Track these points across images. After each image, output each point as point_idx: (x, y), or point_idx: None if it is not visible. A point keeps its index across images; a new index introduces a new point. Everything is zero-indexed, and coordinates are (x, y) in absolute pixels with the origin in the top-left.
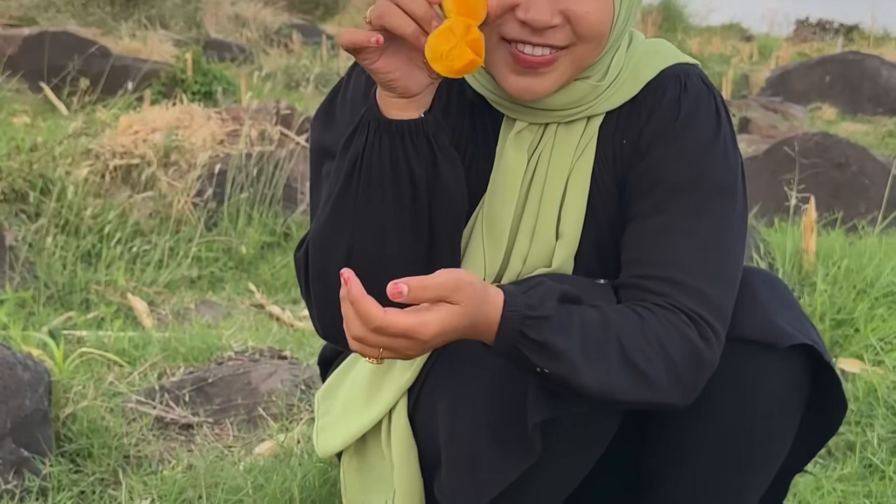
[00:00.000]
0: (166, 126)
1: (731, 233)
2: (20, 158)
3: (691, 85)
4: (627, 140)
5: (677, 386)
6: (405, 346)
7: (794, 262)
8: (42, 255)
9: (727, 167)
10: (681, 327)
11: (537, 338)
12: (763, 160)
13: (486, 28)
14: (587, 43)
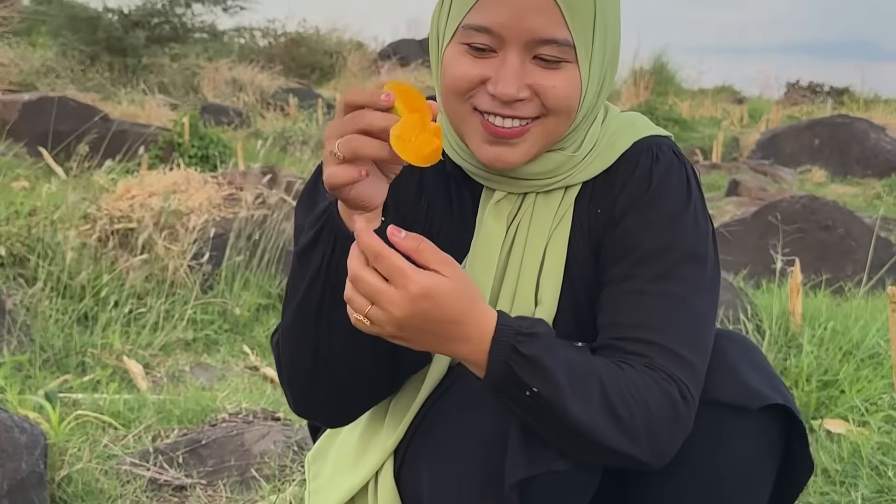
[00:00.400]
0: (164, 190)
1: (703, 298)
2: (19, 223)
3: (663, 156)
4: (602, 209)
5: (652, 441)
6: (392, 298)
7: (780, 324)
8: (39, 319)
9: (698, 235)
10: (661, 383)
11: (529, 353)
12: (751, 223)
13: (460, 101)
14: (556, 116)
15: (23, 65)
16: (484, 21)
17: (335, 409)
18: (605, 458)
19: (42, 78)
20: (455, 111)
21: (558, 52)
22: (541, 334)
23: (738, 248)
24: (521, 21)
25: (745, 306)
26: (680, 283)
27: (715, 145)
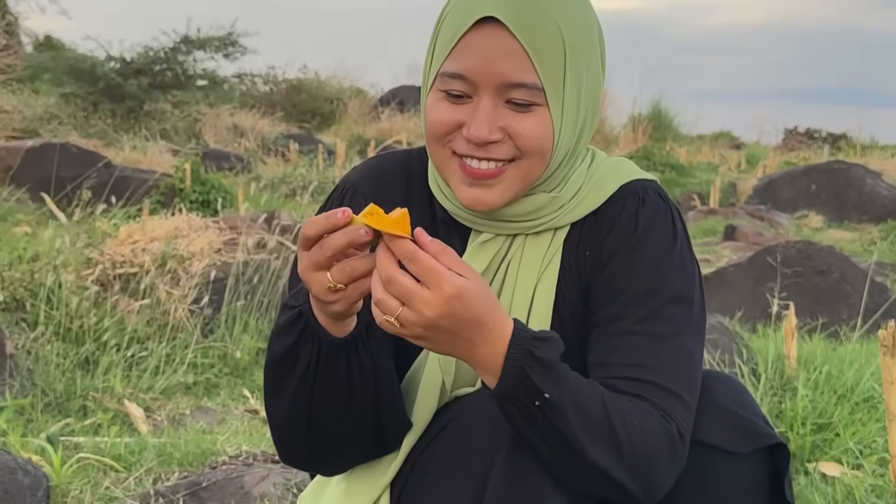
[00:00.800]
0: (165, 235)
1: (690, 338)
2: (21, 268)
3: (649, 199)
4: (590, 252)
5: (648, 474)
6: (426, 299)
7: (776, 368)
8: (41, 363)
9: (684, 277)
10: (658, 419)
11: (544, 357)
12: (747, 267)
13: (440, 145)
14: (529, 157)
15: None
16: (458, 68)
17: (324, 467)
18: (596, 482)
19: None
20: (437, 156)
21: (528, 95)
22: (555, 339)
23: (734, 293)
24: (491, 66)
25: (740, 350)
26: (668, 324)
27: (712, 191)
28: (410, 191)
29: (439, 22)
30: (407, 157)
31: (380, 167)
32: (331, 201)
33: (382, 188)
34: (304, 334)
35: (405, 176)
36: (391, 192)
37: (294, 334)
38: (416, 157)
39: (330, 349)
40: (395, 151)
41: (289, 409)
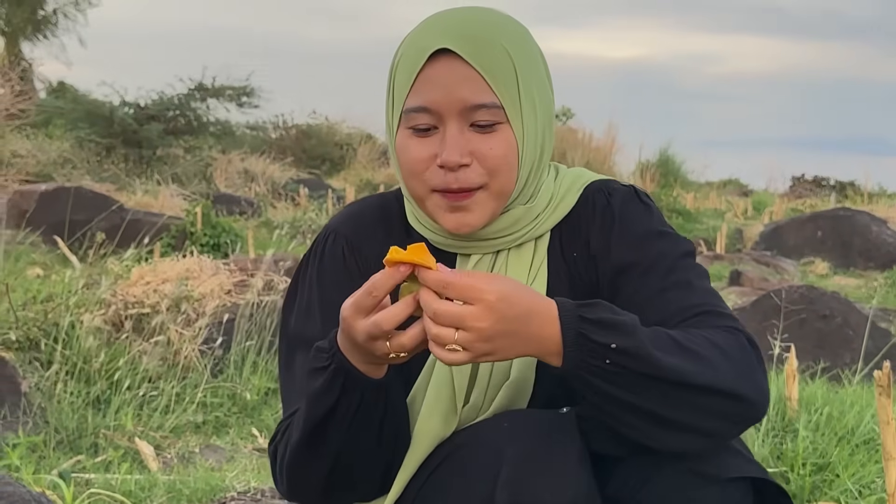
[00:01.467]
0: (177, 277)
1: (706, 281)
2: (35, 308)
3: (614, 191)
4: (577, 252)
5: (750, 376)
6: (475, 314)
7: (777, 410)
8: (53, 402)
9: (672, 236)
10: (724, 333)
11: (595, 317)
12: (750, 311)
13: (419, 182)
14: (498, 176)
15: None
16: (420, 102)
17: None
18: (709, 405)
19: (59, 169)
20: (416, 192)
21: (490, 115)
22: (599, 302)
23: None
24: (452, 94)
25: None
26: (686, 272)
27: (719, 237)
28: (389, 228)
29: (394, 67)
30: (382, 199)
31: (357, 212)
32: (315, 245)
33: (362, 230)
34: (346, 387)
35: (382, 216)
36: (370, 232)
37: (335, 391)
38: (391, 198)
39: (373, 393)
40: (370, 196)
41: (322, 455)
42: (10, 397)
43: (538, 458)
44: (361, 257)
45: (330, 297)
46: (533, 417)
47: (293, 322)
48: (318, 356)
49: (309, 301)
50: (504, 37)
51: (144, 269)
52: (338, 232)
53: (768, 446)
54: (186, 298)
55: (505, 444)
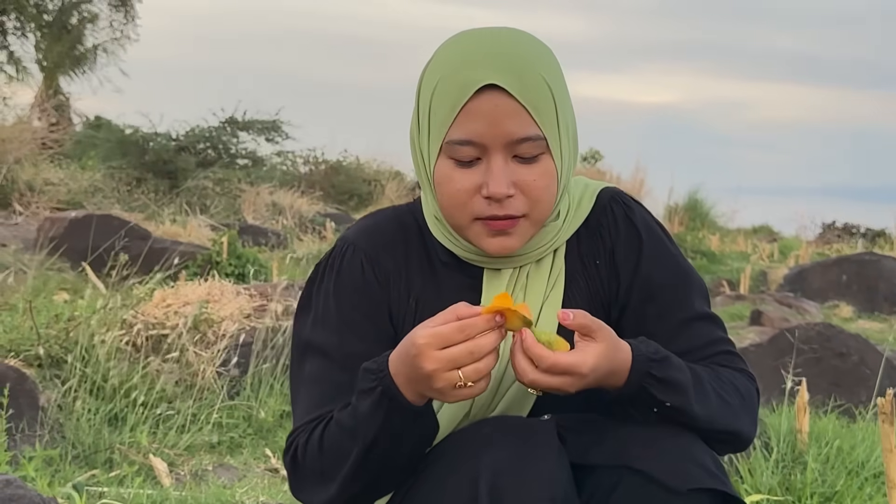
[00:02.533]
0: (197, 300)
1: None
2: (58, 326)
3: (629, 202)
4: (600, 261)
5: (754, 421)
6: (573, 383)
7: (788, 442)
8: (72, 417)
9: (682, 256)
10: (744, 378)
11: (662, 376)
12: (767, 348)
13: (462, 212)
14: (540, 204)
15: (71, 184)
16: (465, 135)
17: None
18: (721, 438)
19: (89, 197)
20: (458, 222)
21: (534, 147)
22: (669, 357)
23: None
24: (497, 128)
25: None
26: (705, 302)
27: (742, 278)
28: (406, 241)
29: (430, 95)
30: (397, 212)
31: (374, 225)
32: (332, 258)
33: (380, 243)
34: (390, 411)
35: (398, 229)
36: (388, 245)
37: (380, 415)
38: (406, 210)
39: (413, 420)
40: (384, 209)
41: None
42: (29, 412)
43: (516, 463)
44: (380, 270)
45: (347, 309)
46: (512, 424)
47: (307, 332)
48: (366, 377)
49: (325, 313)
50: (541, 66)
51: (166, 292)
52: (356, 245)
53: (777, 477)
54: (206, 321)
55: (483, 451)
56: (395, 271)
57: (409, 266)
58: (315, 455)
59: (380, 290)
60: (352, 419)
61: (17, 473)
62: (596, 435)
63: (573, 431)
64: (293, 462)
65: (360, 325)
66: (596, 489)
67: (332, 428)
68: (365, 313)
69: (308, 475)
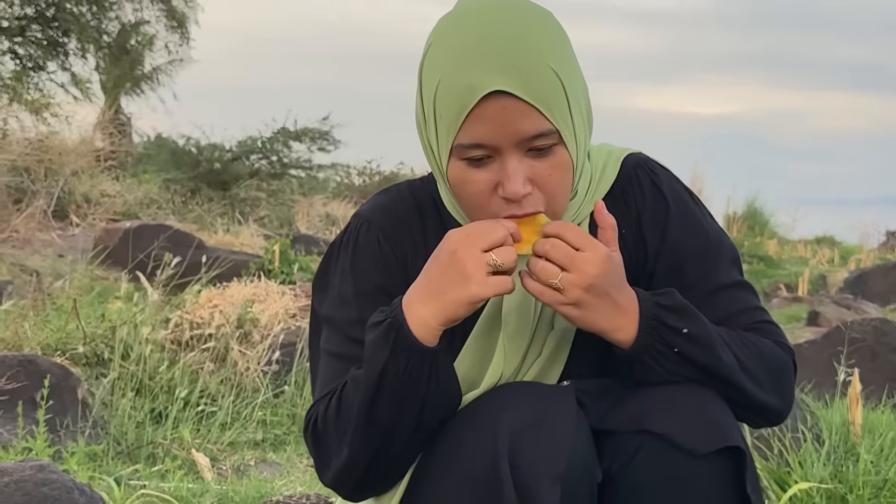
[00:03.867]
0: (243, 300)
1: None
2: (104, 326)
3: (655, 168)
4: (626, 229)
5: (786, 393)
6: (587, 258)
7: (840, 434)
8: (116, 414)
9: (710, 221)
10: (776, 346)
11: (670, 303)
12: (822, 344)
13: (481, 212)
14: (557, 198)
15: (127, 196)
16: (474, 139)
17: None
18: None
19: (145, 209)
20: (479, 218)
21: (547, 140)
22: (673, 291)
23: (807, 368)
24: (507, 128)
25: (804, 416)
26: (735, 269)
27: (801, 281)
28: (423, 218)
29: (434, 94)
30: (412, 187)
31: (389, 202)
32: (347, 235)
33: (396, 219)
34: (397, 345)
35: (414, 205)
36: (404, 222)
37: (387, 347)
38: (420, 185)
39: (421, 357)
40: (399, 184)
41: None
42: (73, 407)
43: (534, 426)
44: (397, 247)
45: (364, 284)
46: (530, 389)
47: (324, 309)
48: (377, 314)
49: (342, 289)
50: (547, 53)
51: (213, 293)
52: (372, 221)
53: (829, 468)
54: (251, 320)
55: (502, 414)
56: (412, 248)
57: (426, 242)
58: (333, 420)
59: (397, 266)
60: (364, 368)
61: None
62: (614, 400)
63: (592, 396)
64: (314, 437)
65: (378, 299)
66: (616, 455)
67: (347, 386)
68: (382, 287)
69: (329, 447)
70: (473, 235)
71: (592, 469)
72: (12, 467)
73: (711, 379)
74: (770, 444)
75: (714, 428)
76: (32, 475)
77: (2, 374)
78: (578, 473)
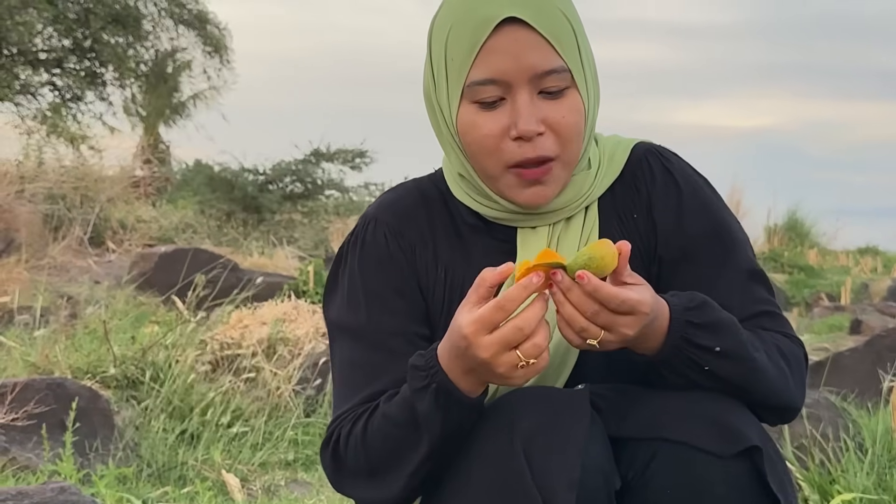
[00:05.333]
0: (273, 320)
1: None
2: (135, 348)
3: (667, 154)
4: (637, 214)
5: (801, 388)
6: (628, 323)
7: (884, 443)
8: (147, 436)
9: (723, 206)
10: (790, 342)
11: (702, 321)
12: (863, 351)
13: (492, 159)
14: (570, 144)
15: (163, 221)
16: (487, 74)
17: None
18: (765, 402)
19: (180, 234)
20: (490, 171)
21: (559, 80)
22: (708, 302)
23: (848, 376)
24: (521, 62)
25: (846, 424)
26: (745, 257)
27: (843, 290)
28: (429, 209)
29: (446, 40)
30: (418, 183)
31: (395, 198)
32: (355, 235)
33: (403, 215)
34: (448, 408)
35: (420, 198)
36: (410, 216)
37: (440, 413)
38: (426, 180)
39: (470, 413)
40: (405, 182)
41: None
42: (103, 430)
43: (549, 431)
44: (405, 242)
45: (374, 285)
46: (544, 393)
47: (335, 314)
48: (416, 374)
49: (351, 292)
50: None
51: (243, 313)
52: (378, 219)
53: (872, 477)
54: (282, 340)
55: (517, 420)
56: (420, 241)
57: (434, 234)
58: (358, 450)
59: (406, 262)
60: (407, 415)
61: (87, 490)
62: (630, 405)
63: (608, 401)
64: (334, 454)
65: (389, 300)
66: (632, 463)
67: (381, 423)
68: (393, 287)
69: (350, 470)
70: (497, 345)
71: (610, 475)
72: (34, 490)
73: (738, 388)
74: (812, 454)
75: (732, 432)
76: (53, 497)
77: (30, 398)
78: (595, 479)
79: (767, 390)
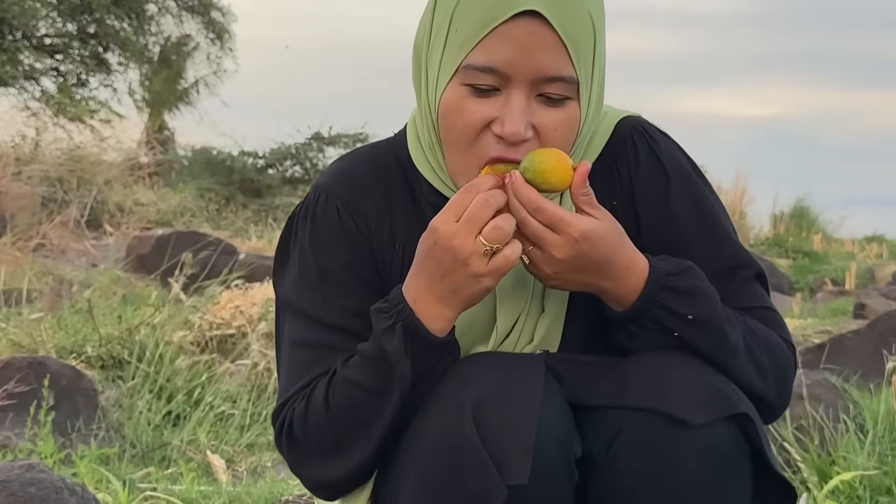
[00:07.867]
0: (264, 300)
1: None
2: (121, 327)
3: (654, 134)
4: (617, 201)
5: (782, 388)
6: (554, 242)
7: (885, 423)
8: (132, 417)
9: (713, 196)
10: (778, 338)
11: (682, 286)
12: (866, 333)
13: (468, 148)
14: None
15: (161, 205)
16: (489, 61)
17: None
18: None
19: (178, 217)
20: (460, 161)
21: (564, 89)
22: (693, 268)
23: (851, 359)
24: (528, 59)
25: (846, 405)
26: (736, 249)
27: (847, 275)
28: (387, 182)
29: (455, 5)
30: (375, 150)
31: (348, 168)
32: (305, 207)
33: (357, 187)
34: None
35: (377, 169)
36: (366, 188)
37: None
38: (385, 147)
39: (437, 353)
40: (360, 148)
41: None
42: (86, 410)
43: (498, 398)
44: (359, 216)
45: (326, 263)
46: (497, 359)
47: (286, 291)
48: (380, 317)
49: (302, 269)
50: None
51: (234, 294)
52: (329, 191)
53: (874, 458)
54: (272, 321)
55: (467, 387)
56: (376, 216)
57: (392, 209)
58: (321, 422)
59: (360, 238)
60: (374, 368)
61: (67, 471)
62: (596, 373)
63: (572, 368)
64: (289, 438)
65: (343, 279)
66: (597, 435)
67: (344, 387)
68: (347, 266)
69: (311, 449)
70: (463, 224)
71: (568, 443)
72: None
73: (707, 363)
74: (811, 435)
75: (716, 394)
76: (19, 475)
77: (10, 376)
78: (551, 447)
79: (737, 374)
